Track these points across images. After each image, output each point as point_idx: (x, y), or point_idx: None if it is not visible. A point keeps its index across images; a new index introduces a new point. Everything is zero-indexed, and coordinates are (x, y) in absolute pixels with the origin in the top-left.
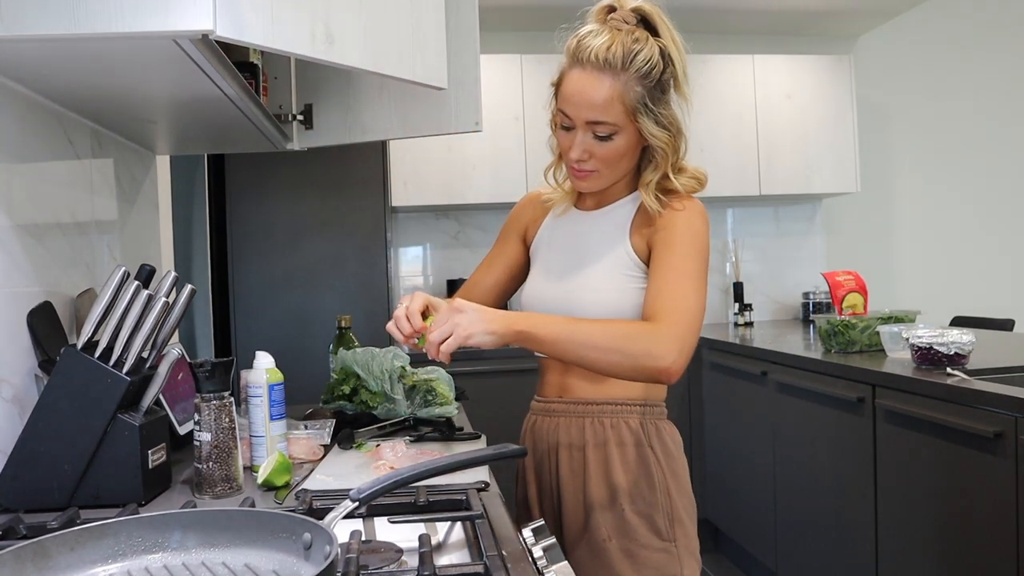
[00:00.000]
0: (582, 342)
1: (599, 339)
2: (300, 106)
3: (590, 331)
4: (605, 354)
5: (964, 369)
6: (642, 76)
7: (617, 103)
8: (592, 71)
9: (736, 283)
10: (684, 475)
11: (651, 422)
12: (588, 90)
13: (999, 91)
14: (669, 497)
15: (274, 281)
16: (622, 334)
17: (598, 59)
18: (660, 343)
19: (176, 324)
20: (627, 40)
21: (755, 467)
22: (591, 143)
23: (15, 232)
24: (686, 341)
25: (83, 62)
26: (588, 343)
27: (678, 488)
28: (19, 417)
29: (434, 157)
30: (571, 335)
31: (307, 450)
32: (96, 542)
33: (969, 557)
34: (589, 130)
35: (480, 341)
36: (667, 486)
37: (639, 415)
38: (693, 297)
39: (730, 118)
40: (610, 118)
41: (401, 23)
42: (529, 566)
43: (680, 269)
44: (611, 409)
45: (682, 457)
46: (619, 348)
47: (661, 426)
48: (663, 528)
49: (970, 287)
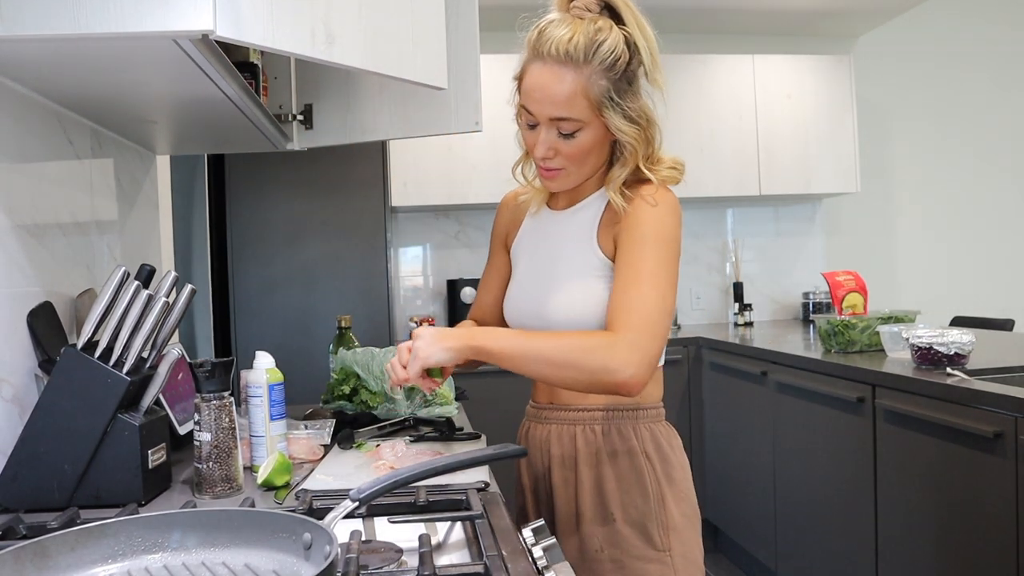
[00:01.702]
0: (536, 357)
1: (554, 354)
2: (300, 106)
3: (544, 346)
4: (561, 370)
5: (964, 369)
6: (607, 68)
7: (580, 98)
8: (553, 65)
9: (736, 283)
10: (683, 479)
11: (645, 427)
12: (550, 85)
13: (999, 91)
14: (664, 505)
15: (274, 281)
16: (578, 347)
17: (559, 52)
18: (617, 355)
19: (176, 324)
20: (589, 30)
21: (755, 467)
22: (556, 140)
23: (15, 232)
24: (647, 350)
25: (83, 62)
26: (542, 358)
27: (675, 494)
28: (19, 417)
29: (434, 157)
30: (525, 350)
31: (307, 450)
32: (96, 542)
33: (969, 557)
34: (553, 127)
35: (439, 360)
36: (661, 494)
37: (632, 420)
38: (655, 300)
39: (730, 118)
40: (574, 114)
41: (401, 23)
42: (529, 566)
43: (641, 269)
44: (602, 416)
45: (681, 460)
46: (574, 363)
47: (656, 430)
48: (657, 538)
49: (970, 287)
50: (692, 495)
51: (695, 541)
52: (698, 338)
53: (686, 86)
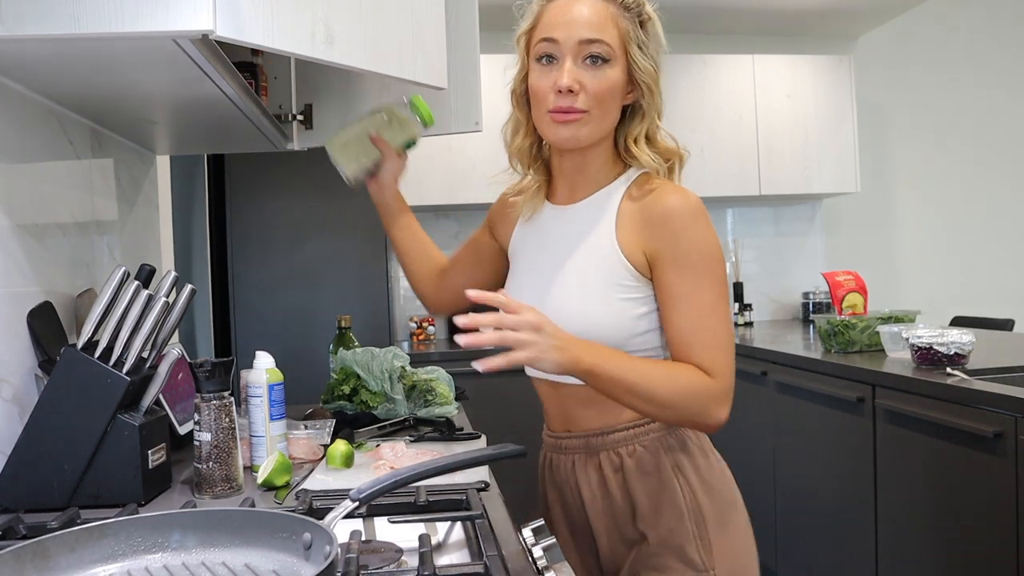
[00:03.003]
0: (642, 393)
1: (660, 392)
2: (300, 106)
3: (653, 383)
4: (660, 409)
5: (964, 369)
6: (627, 8)
7: (611, 26)
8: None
9: (736, 283)
10: (721, 483)
11: (672, 435)
12: (581, 9)
13: (999, 91)
14: (702, 520)
15: (274, 281)
16: (683, 391)
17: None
18: (717, 403)
19: (176, 324)
20: None
21: (755, 467)
22: (582, 72)
23: (15, 232)
24: (732, 391)
25: (83, 62)
26: (647, 395)
27: (714, 503)
28: (19, 417)
29: (434, 157)
30: (633, 384)
31: (307, 450)
32: (96, 542)
33: (969, 557)
34: (582, 53)
35: (543, 367)
36: (698, 506)
37: (656, 431)
38: (724, 336)
39: (730, 118)
40: (607, 38)
41: (401, 23)
42: (529, 566)
43: (702, 302)
44: (623, 436)
45: (715, 461)
46: (676, 405)
47: (685, 435)
48: (697, 558)
49: (970, 287)
50: (733, 495)
51: (743, 551)
52: None
53: (686, 86)
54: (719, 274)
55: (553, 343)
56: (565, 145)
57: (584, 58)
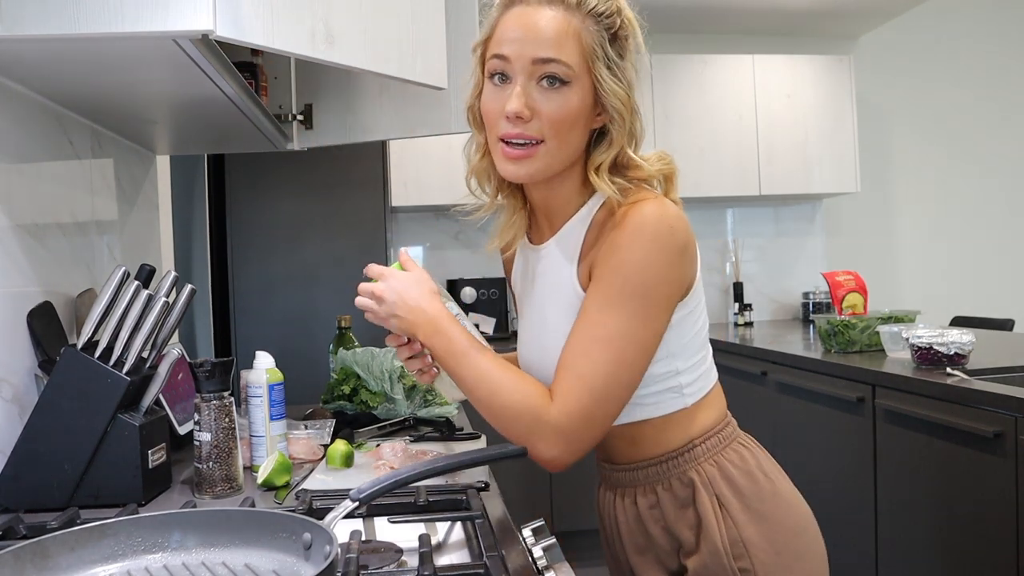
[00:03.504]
0: (466, 385)
1: (482, 394)
2: (300, 106)
3: (479, 381)
4: (486, 412)
5: (964, 369)
6: (597, 17)
7: (572, 40)
8: (538, 5)
9: (736, 283)
10: (776, 509)
11: (709, 463)
12: (536, 22)
13: (999, 91)
14: (747, 553)
15: (274, 281)
16: (505, 404)
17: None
18: (542, 435)
19: (176, 324)
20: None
21: None
22: (536, 95)
23: (15, 232)
24: (578, 436)
25: (83, 62)
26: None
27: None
28: (19, 417)
29: (434, 157)
30: (459, 375)
31: (307, 450)
32: (96, 542)
33: (969, 557)
34: (536, 73)
35: (391, 327)
36: (741, 539)
37: (690, 463)
38: (604, 374)
39: (730, 118)
40: (563, 56)
41: (401, 23)
42: (529, 566)
43: (599, 328)
44: (655, 471)
45: (772, 486)
46: (498, 416)
47: (724, 460)
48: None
49: (970, 287)
50: (800, 522)
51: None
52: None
53: (686, 86)
54: (644, 305)
55: (393, 312)
56: (517, 181)
57: (539, 78)
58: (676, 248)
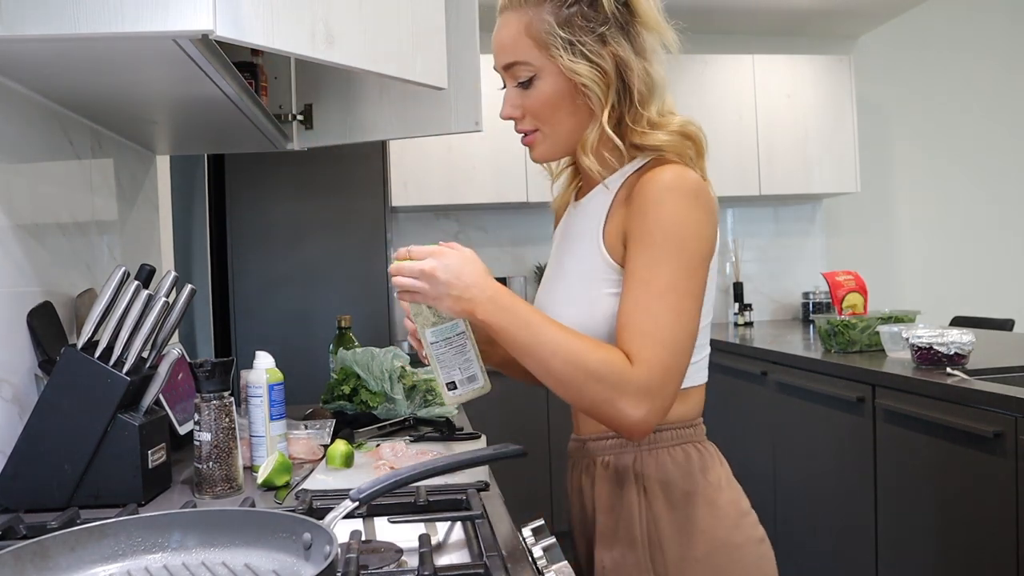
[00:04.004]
0: (538, 359)
1: (558, 365)
2: (300, 106)
3: (554, 352)
4: (560, 385)
5: (964, 369)
6: (557, 2)
7: (523, 38)
8: (502, 15)
9: (736, 283)
10: (709, 517)
11: (651, 455)
12: (498, 33)
13: (999, 91)
14: (661, 551)
15: (274, 281)
16: (585, 370)
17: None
18: (627, 396)
19: (176, 324)
20: None
21: (755, 467)
22: (516, 95)
23: (15, 232)
24: (659, 395)
25: (83, 62)
26: (543, 364)
27: (687, 537)
28: (19, 417)
29: (434, 157)
30: (528, 347)
31: (307, 450)
32: (96, 542)
33: (969, 557)
34: (510, 79)
35: (441, 308)
36: (659, 537)
37: (640, 449)
38: (670, 324)
39: (730, 118)
40: (519, 56)
41: (401, 23)
42: (529, 566)
43: (652, 285)
44: (604, 445)
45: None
46: (576, 384)
47: (667, 457)
48: None
49: (970, 287)
50: (733, 539)
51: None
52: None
53: (686, 86)
54: (685, 258)
55: (447, 291)
56: (536, 162)
57: (514, 81)
58: (701, 206)
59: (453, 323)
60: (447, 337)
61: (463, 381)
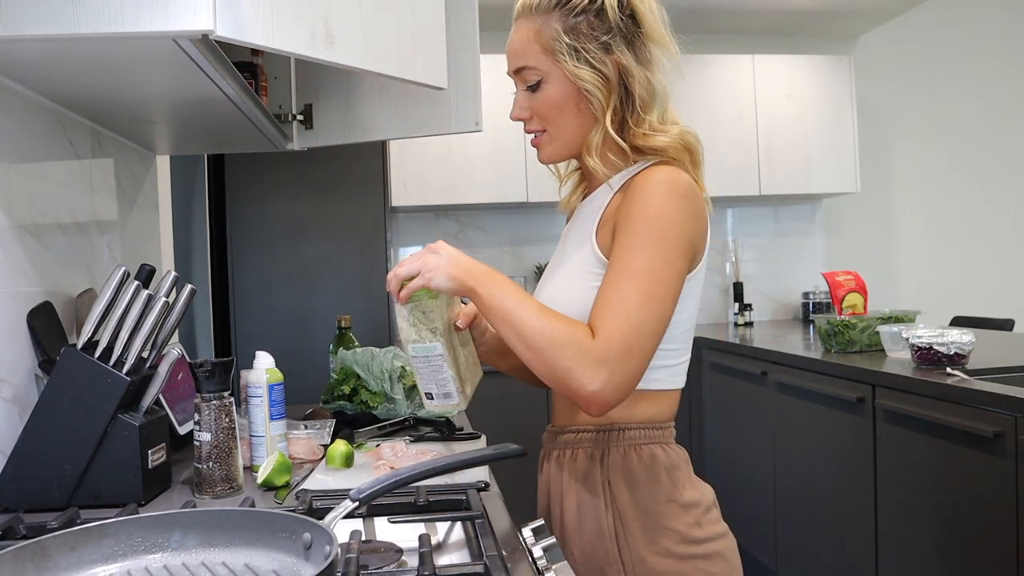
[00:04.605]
0: (513, 323)
1: (532, 334)
2: (300, 106)
3: (526, 317)
4: (529, 350)
5: (964, 369)
6: (564, 12)
7: (532, 44)
8: (516, 22)
9: (736, 283)
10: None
11: (618, 450)
12: (511, 40)
13: (999, 91)
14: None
15: (274, 281)
16: (554, 338)
17: (519, 8)
18: (585, 365)
19: (176, 324)
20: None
21: (755, 467)
22: (525, 97)
23: (15, 232)
24: (620, 367)
25: (83, 62)
26: (517, 327)
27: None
28: (19, 417)
29: (434, 157)
30: (509, 317)
31: (307, 450)
32: (96, 542)
33: (969, 557)
34: (520, 83)
35: (438, 285)
36: (624, 532)
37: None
38: (637, 303)
39: (730, 118)
40: (529, 61)
41: (401, 23)
42: (529, 566)
43: (626, 266)
44: (574, 438)
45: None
46: (543, 349)
47: (634, 454)
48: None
49: (970, 287)
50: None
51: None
52: (698, 338)
53: (686, 86)
54: (665, 246)
55: (448, 261)
56: (545, 161)
57: (524, 85)
58: (690, 204)
59: (432, 345)
60: (426, 356)
61: (439, 395)
